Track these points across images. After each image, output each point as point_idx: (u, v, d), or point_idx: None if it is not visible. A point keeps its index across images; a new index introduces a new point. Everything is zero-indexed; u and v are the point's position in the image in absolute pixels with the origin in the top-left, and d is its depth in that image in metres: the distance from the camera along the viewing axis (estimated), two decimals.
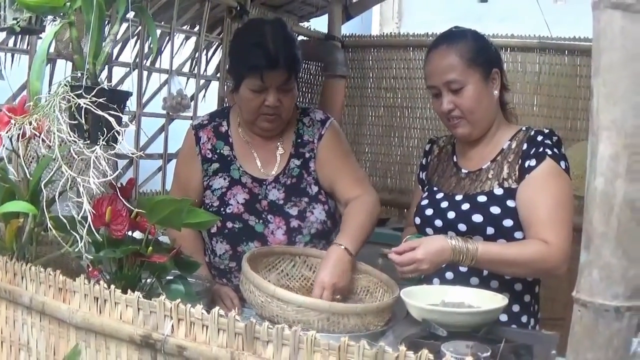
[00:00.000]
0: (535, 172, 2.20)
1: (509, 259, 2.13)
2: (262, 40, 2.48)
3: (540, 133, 2.27)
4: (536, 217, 2.15)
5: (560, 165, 2.21)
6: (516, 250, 2.15)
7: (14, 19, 1.93)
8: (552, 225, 2.12)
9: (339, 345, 1.21)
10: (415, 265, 2.09)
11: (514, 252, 2.14)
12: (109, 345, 1.56)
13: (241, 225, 2.54)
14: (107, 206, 1.71)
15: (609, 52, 1.05)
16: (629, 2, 1.03)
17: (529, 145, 2.25)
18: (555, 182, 2.19)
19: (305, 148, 2.65)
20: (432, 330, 1.76)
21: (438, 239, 2.15)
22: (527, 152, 2.24)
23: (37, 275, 1.69)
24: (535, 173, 2.20)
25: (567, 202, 2.18)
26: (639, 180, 1.04)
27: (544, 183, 2.18)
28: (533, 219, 2.16)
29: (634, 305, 1.08)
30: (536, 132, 2.29)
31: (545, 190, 2.18)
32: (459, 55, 2.27)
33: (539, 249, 2.11)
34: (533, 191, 2.19)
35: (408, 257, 2.10)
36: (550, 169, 2.20)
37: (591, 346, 1.10)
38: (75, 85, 1.65)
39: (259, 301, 1.97)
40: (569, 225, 2.13)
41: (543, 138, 2.25)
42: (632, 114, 1.04)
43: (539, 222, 2.14)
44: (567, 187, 2.21)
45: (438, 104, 2.32)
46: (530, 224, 2.16)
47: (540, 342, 1.80)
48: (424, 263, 2.08)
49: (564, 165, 2.22)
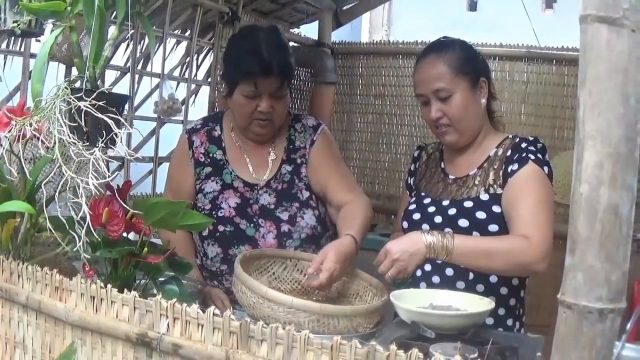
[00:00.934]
0: (517, 174, 2.24)
1: (487, 249, 2.16)
2: (256, 48, 2.52)
3: (525, 140, 2.32)
4: (517, 215, 2.19)
5: (543, 169, 2.25)
6: (495, 242, 2.19)
7: (15, 21, 1.96)
8: (533, 222, 2.16)
9: (332, 345, 1.24)
10: (396, 265, 2.15)
11: (492, 243, 2.18)
12: (104, 344, 1.58)
13: (232, 228, 2.57)
14: (104, 207, 1.73)
15: (595, 65, 1.09)
16: (615, 17, 1.07)
17: (512, 151, 2.30)
18: (537, 184, 2.23)
19: (297, 154, 2.69)
20: (421, 332, 1.79)
21: (409, 236, 2.22)
22: (510, 157, 2.29)
23: (34, 274, 1.71)
24: (517, 176, 2.24)
25: (547, 203, 2.22)
26: (622, 187, 1.09)
27: (526, 184, 2.23)
28: (514, 217, 2.20)
29: (616, 307, 1.11)
30: (521, 139, 2.33)
31: (527, 190, 2.22)
32: (447, 64, 2.31)
33: (518, 241, 2.15)
34: (515, 192, 2.23)
35: (387, 261, 2.16)
36: (533, 172, 2.24)
37: (575, 346, 1.13)
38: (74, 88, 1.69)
39: (251, 302, 2.00)
40: (549, 224, 2.16)
41: (527, 145, 2.29)
42: (616, 124, 1.08)
43: (520, 219, 2.18)
44: (548, 190, 2.24)
45: (426, 111, 2.37)
46: (512, 222, 2.21)
47: (526, 344, 1.83)
48: (401, 261, 2.14)
49: (547, 171, 2.26)
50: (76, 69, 1.80)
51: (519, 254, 2.14)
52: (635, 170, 1.10)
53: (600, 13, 1.07)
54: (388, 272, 2.16)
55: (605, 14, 1.07)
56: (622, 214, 1.10)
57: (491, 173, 2.31)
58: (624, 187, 1.09)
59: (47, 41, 1.75)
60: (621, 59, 1.08)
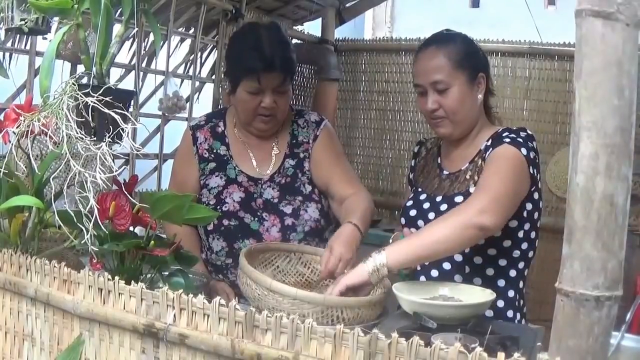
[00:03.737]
0: (489, 154, 2.22)
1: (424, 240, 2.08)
2: (258, 44, 2.55)
3: (508, 129, 2.30)
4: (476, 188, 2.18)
5: (521, 151, 2.18)
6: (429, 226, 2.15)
7: (22, 19, 1.99)
8: (481, 187, 2.12)
9: (335, 333, 1.27)
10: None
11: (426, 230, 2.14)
12: (112, 335, 1.60)
13: (237, 222, 2.60)
14: (111, 201, 1.76)
15: (590, 58, 1.11)
16: (610, 11, 1.10)
17: (493, 140, 2.28)
18: (506, 160, 2.18)
19: (299, 148, 2.72)
20: (423, 322, 1.82)
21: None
22: (490, 145, 2.27)
23: (42, 267, 1.73)
24: (489, 156, 2.22)
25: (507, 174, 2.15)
26: (617, 177, 1.11)
27: (494, 160, 2.19)
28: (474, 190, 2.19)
29: (613, 294, 1.14)
30: (505, 129, 2.31)
31: (493, 165, 2.18)
32: (447, 57, 2.32)
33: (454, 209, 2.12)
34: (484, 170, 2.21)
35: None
36: (505, 150, 2.19)
37: (573, 334, 1.16)
38: (81, 84, 1.72)
39: (256, 294, 2.02)
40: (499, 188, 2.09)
41: (509, 133, 2.26)
42: (610, 116, 1.10)
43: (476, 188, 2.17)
44: (516, 165, 2.17)
45: (423, 102, 2.37)
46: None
47: (527, 334, 1.86)
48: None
49: (525, 152, 2.18)
50: (83, 66, 1.83)
51: (454, 216, 2.07)
52: (630, 161, 1.12)
53: (595, 7, 1.10)
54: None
55: (599, 9, 1.10)
56: (618, 204, 1.12)
57: (480, 165, 2.31)
58: (619, 177, 1.12)
59: (55, 38, 1.77)
60: (616, 52, 1.10)
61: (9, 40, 2.99)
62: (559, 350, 1.16)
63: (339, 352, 1.27)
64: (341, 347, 1.27)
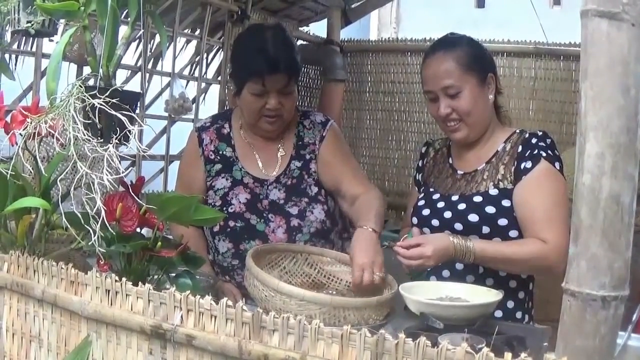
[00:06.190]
0: (531, 173, 2.25)
1: (507, 257, 2.19)
2: (263, 46, 2.55)
3: (535, 135, 2.33)
4: (533, 217, 2.22)
5: (555, 166, 2.26)
6: (514, 248, 2.21)
7: (28, 21, 2.00)
8: (550, 225, 2.18)
9: (342, 334, 1.27)
10: (423, 261, 2.16)
11: (511, 251, 2.20)
12: (119, 336, 1.61)
13: (243, 224, 2.60)
14: (118, 203, 1.77)
15: (595, 58, 1.12)
16: (615, 11, 1.10)
17: (523, 147, 2.31)
18: (551, 182, 2.25)
19: (305, 150, 2.72)
20: (430, 323, 1.83)
21: (443, 238, 2.21)
22: (522, 154, 2.30)
23: (50, 268, 1.74)
24: (531, 175, 2.25)
25: (562, 202, 2.23)
26: (623, 177, 1.11)
27: (540, 184, 2.24)
28: (530, 219, 2.22)
29: (619, 294, 1.14)
30: (530, 134, 2.35)
31: (541, 190, 2.24)
32: (456, 61, 2.33)
33: (537, 247, 2.17)
34: (529, 192, 2.25)
35: (417, 252, 2.17)
36: (546, 170, 2.25)
37: (579, 334, 1.16)
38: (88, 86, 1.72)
39: (263, 295, 2.03)
40: (566, 224, 2.15)
41: (537, 140, 2.30)
42: (616, 116, 1.11)
43: (537, 221, 2.20)
44: (562, 187, 2.26)
45: (435, 108, 2.38)
46: (528, 224, 2.23)
47: (533, 335, 1.86)
48: (431, 260, 2.16)
49: (558, 166, 2.27)
50: (90, 68, 1.84)
51: (538, 259, 2.18)
52: (636, 161, 1.12)
53: (600, 8, 1.10)
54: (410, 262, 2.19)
55: (605, 9, 1.10)
56: (624, 203, 1.12)
57: (500, 168, 2.33)
58: (625, 176, 1.12)
59: (62, 40, 1.78)
60: (621, 52, 1.10)
61: (15, 42, 3.00)
62: (566, 351, 1.16)
63: (346, 353, 1.27)
64: (348, 348, 1.27)
